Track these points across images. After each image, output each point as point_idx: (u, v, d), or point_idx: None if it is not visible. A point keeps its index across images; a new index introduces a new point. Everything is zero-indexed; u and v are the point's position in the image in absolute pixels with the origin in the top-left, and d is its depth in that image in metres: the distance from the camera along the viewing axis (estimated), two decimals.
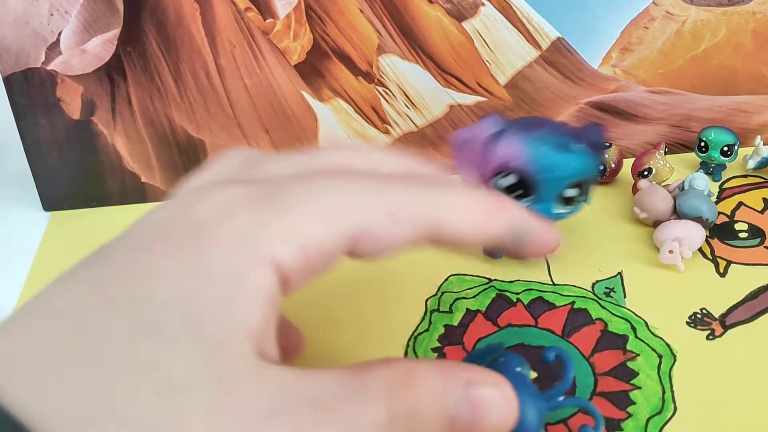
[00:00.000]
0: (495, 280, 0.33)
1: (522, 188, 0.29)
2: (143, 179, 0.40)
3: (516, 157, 0.29)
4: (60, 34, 0.37)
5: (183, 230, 0.17)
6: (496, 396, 0.18)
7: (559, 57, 0.39)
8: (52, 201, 0.40)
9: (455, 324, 0.30)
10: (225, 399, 0.15)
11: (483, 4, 0.38)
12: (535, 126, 0.30)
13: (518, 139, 0.29)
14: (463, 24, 0.38)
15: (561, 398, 0.22)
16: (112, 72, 0.38)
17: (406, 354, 0.29)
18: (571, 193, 0.29)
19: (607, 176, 0.38)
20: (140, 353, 0.15)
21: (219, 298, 0.16)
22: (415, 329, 0.30)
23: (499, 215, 0.20)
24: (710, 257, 0.33)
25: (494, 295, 0.32)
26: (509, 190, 0.30)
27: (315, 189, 0.18)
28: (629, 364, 0.28)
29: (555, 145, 0.29)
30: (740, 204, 0.37)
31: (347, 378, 0.16)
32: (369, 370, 0.17)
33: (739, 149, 0.38)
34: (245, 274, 0.16)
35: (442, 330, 0.30)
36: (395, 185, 0.19)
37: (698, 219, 0.33)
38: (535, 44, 0.39)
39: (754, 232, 0.35)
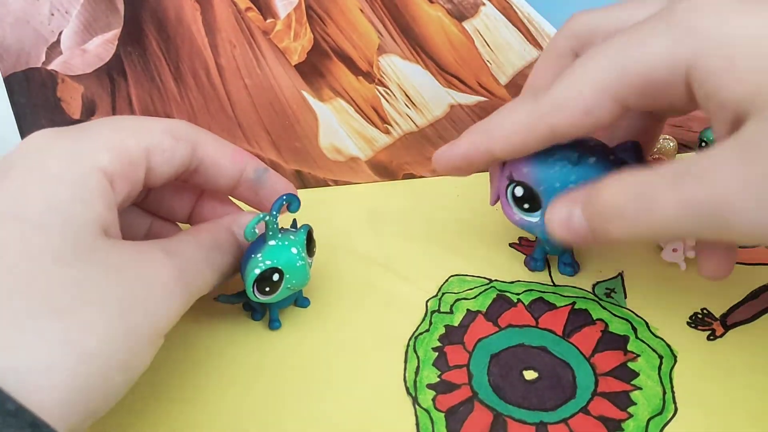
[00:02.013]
0: (495, 280, 0.33)
1: (530, 201, 0.29)
2: None
3: (521, 168, 0.29)
4: (60, 33, 0.37)
5: (30, 157, 0.24)
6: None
7: None
8: None
9: (456, 324, 0.30)
10: (92, 253, 0.22)
11: (483, 4, 0.38)
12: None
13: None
14: (464, 24, 0.38)
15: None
16: (112, 72, 0.38)
17: (406, 354, 0.29)
18: None
19: None
20: (18, 238, 0.21)
21: (71, 197, 0.22)
22: (416, 329, 0.30)
23: (247, 156, 0.29)
24: None
25: (495, 296, 0.32)
26: (520, 202, 0.29)
27: (118, 120, 0.27)
28: (630, 364, 0.28)
29: (561, 157, 0.28)
30: None
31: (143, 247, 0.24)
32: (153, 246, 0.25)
33: None
34: (85, 180, 0.23)
35: (442, 330, 0.30)
36: (172, 120, 0.28)
37: None
38: (536, 44, 0.39)
39: None
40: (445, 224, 0.36)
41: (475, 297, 0.32)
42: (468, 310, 0.31)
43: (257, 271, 0.27)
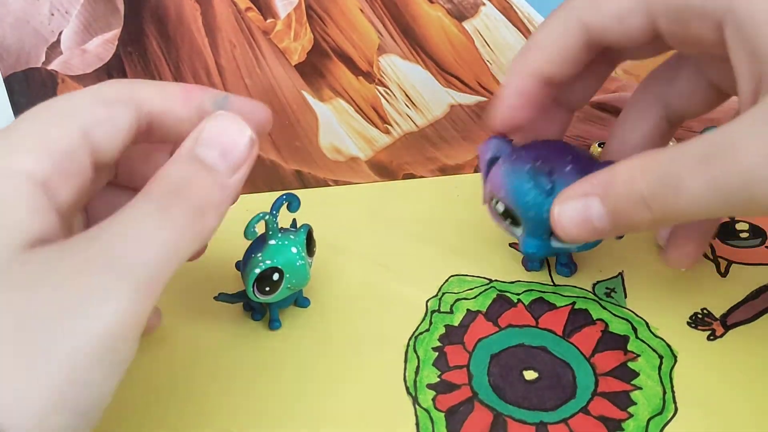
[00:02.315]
0: (495, 280, 0.33)
1: (512, 217, 0.29)
2: None
3: (498, 189, 0.29)
4: (60, 34, 0.37)
5: None
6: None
7: None
8: None
9: (456, 324, 0.30)
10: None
11: (483, 4, 0.38)
12: (538, 154, 0.28)
13: (504, 170, 0.29)
14: (464, 24, 0.38)
15: None
16: (112, 72, 0.38)
17: (406, 354, 0.29)
18: None
19: None
20: None
21: None
22: (416, 329, 0.30)
23: (198, 89, 0.25)
24: (711, 257, 0.33)
25: (495, 296, 0.32)
26: (503, 216, 0.30)
27: (40, 109, 0.22)
28: (630, 364, 0.28)
29: (539, 182, 0.28)
30: None
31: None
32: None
33: None
34: (3, 189, 0.20)
35: (442, 330, 0.30)
36: (101, 84, 0.23)
37: None
38: None
39: (755, 232, 0.35)
40: (445, 224, 0.36)
41: (475, 297, 0.32)
42: (468, 310, 0.31)
43: (257, 271, 0.27)
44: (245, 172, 0.23)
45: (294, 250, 0.28)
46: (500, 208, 0.30)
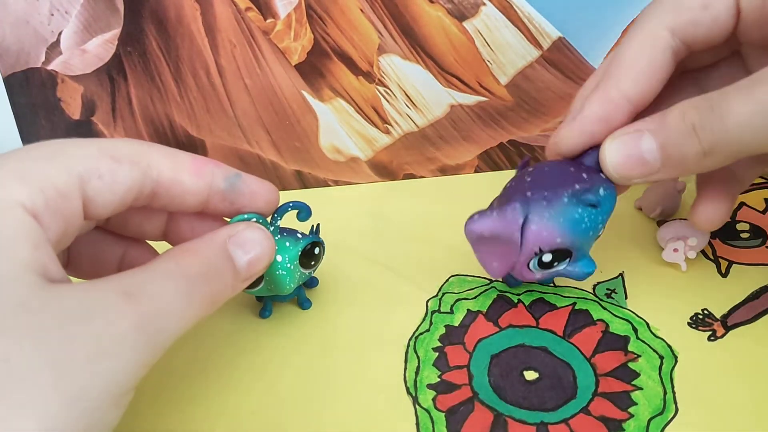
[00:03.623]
0: (496, 281, 0.33)
1: (559, 258, 0.28)
2: None
3: (553, 238, 0.27)
4: (60, 34, 0.37)
5: None
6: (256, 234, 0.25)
7: (560, 57, 0.39)
8: None
9: (456, 324, 0.30)
10: (19, 315, 0.18)
11: (484, 4, 0.38)
12: (556, 190, 0.27)
13: (548, 217, 0.27)
14: (464, 24, 0.38)
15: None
16: (112, 72, 0.38)
17: (406, 354, 0.29)
18: (547, 258, 0.28)
19: None
20: None
21: None
22: (416, 329, 0.30)
23: (211, 163, 0.25)
24: (712, 257, 0.33)
25: (495, 296, 0.32)
26: (547, 265, 0.28)
27: (40, 146, 0.21)
28: (630, 364, 0.28)
29: (584, 200, 0.27)
30: (742, 204, 0.37)
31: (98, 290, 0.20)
32: (108, 282, 0.20)
33: None
34: (3, 220, 0.19)
35: (443, 330, 0.30)
36: (114, 140, 0.23)
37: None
38: (536, 44, 0.39)
39: (756, 232, 0.35)
40: (446, 224, 0.36)
41: (475, 297, 0.32)
42: (468, 310, 0.31)
43: None
44: (248, 283, 0.25)
45: (279, 258, 0.28)
46: (547, 258, 0.28)
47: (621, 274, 0.33)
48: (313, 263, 0.29)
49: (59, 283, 0.19)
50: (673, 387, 0.27)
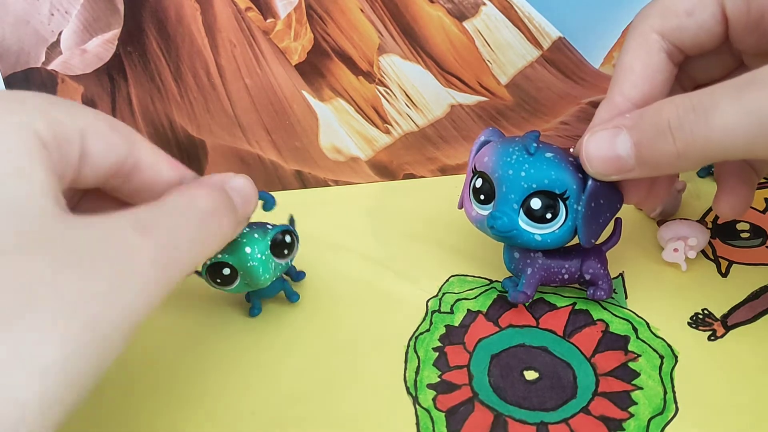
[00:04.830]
0: (496, 281, 0.33)
1: (486, 192, 0.29)
2: None
3: (482, 158, 0.29)
4: (60, 34, 0.37)
5: None
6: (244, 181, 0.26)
7: (560, 57, 0.39)
8: None
9: (456, 324, 0.30)
10: (40, 241, 0.18)
11: (484, 4, 0.38)
12: (521, 137, 0.29)
13: (495, 143, 0.29)
14: (464, 24, 0.38)
15: None
16: (112, 72, 0.38)
17: (407, 354, 0.29)
18: (536, 204, 0.27)
19: None
20: None
21: (11, 171, 0.19)
22: (416, 329, 0.30)
23: (183, 166, 0.25)
24: (712, 257, 0.33)
25: (495, 296, 0.32)
26: (477, 194, 0.29)
27: (49, 96, 0.22)
28: (631, 364, 0.28)
29: (521, 147, 0.28)
30: None
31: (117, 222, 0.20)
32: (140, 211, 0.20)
33: None
34: (20, 145, 0.19)
35: (443, 330, 0.30)
36: (107, 115, 0.24)
37: None
38: (537, 44, 0.39)
39: (756, 232, 0.35)
40: (446, 224, 0.36)
41: (475, 297, 0.32)
42: (468, 310, 0.31)
43: (209, 262, 0.28)
44: (244, 225, 0.26)
45: (248, 249, 0.28)
46: (478, 183, 0.29)
47: (621, 274, 0.33)
48: (286, 252, 0.29)
49: (72, 215, 0.19)
50: (673, 387, 0.27)
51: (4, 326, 0.16)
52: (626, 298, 0.31)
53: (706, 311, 0.30)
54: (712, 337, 0.29)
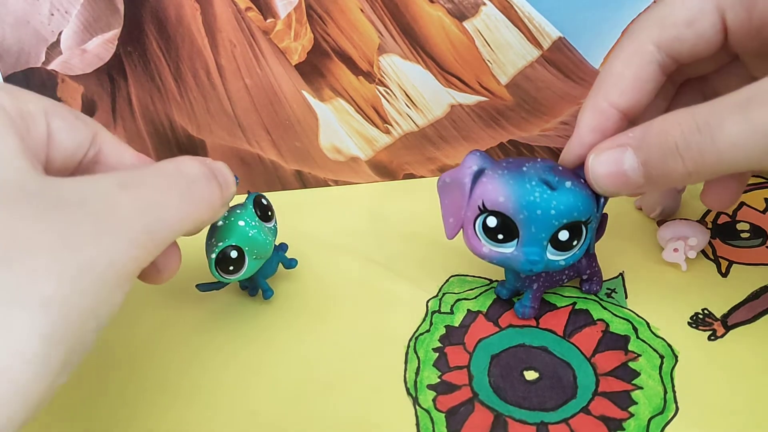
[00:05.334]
0: (496, 281, 0.33)
1: (505, 231, 0.27)
2: None
3: (496, 196, 0.26)
4: (60, 34, 0.37)
5: None
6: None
7: (560, 57, 0.39)
8: None
9: (456, 325, 0.30)
10: (19, 196, 0.18)
11: (484, 4, 0.38)
12: (521, 164, 0.27)
13: (500, 175, 0.27)
14: (464, 24, 0.38)
15: None
16: (112, 72, 0.38)
17: (406, 354, 0.29)
18: (564, 236, 0.27)
19: None
20: None
21: None
22: (416, 329, 0.30)
23: (147, 158, 0.26)
24: (712, 257, 0.33)
25: (495, 296, 0.32)
26: (492, 234, 0.27)
27: (16, 87, 0.22)
28: (631, 364, 0.28)
29: (540, 181, 0.26)
30: (742, 204, 0.37)
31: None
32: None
33: None
34: None
35: (443, 330, 0.30)
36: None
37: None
38: (537, 44, 0.39)
39: (756, 232, 0.35)
40: None
41: (475, 297, 0.32)
42: (468, 310, 0.31)
43: (213, 256, 0.28)
44: (226, 208, 0.26)
45: (241, 223, 0.28)
46: (491, 222, 0.27)
47: (621, 274, 0.33)
48: (270, 213, 0.30)
49: (50, 176, 0.20)
50: (673, 386, 0.27)
51: (1, 266, 0.17)
52: (626, 297, 0.31)
53: (706, 311, 0.31)
54: (712, 337, 0.29)
